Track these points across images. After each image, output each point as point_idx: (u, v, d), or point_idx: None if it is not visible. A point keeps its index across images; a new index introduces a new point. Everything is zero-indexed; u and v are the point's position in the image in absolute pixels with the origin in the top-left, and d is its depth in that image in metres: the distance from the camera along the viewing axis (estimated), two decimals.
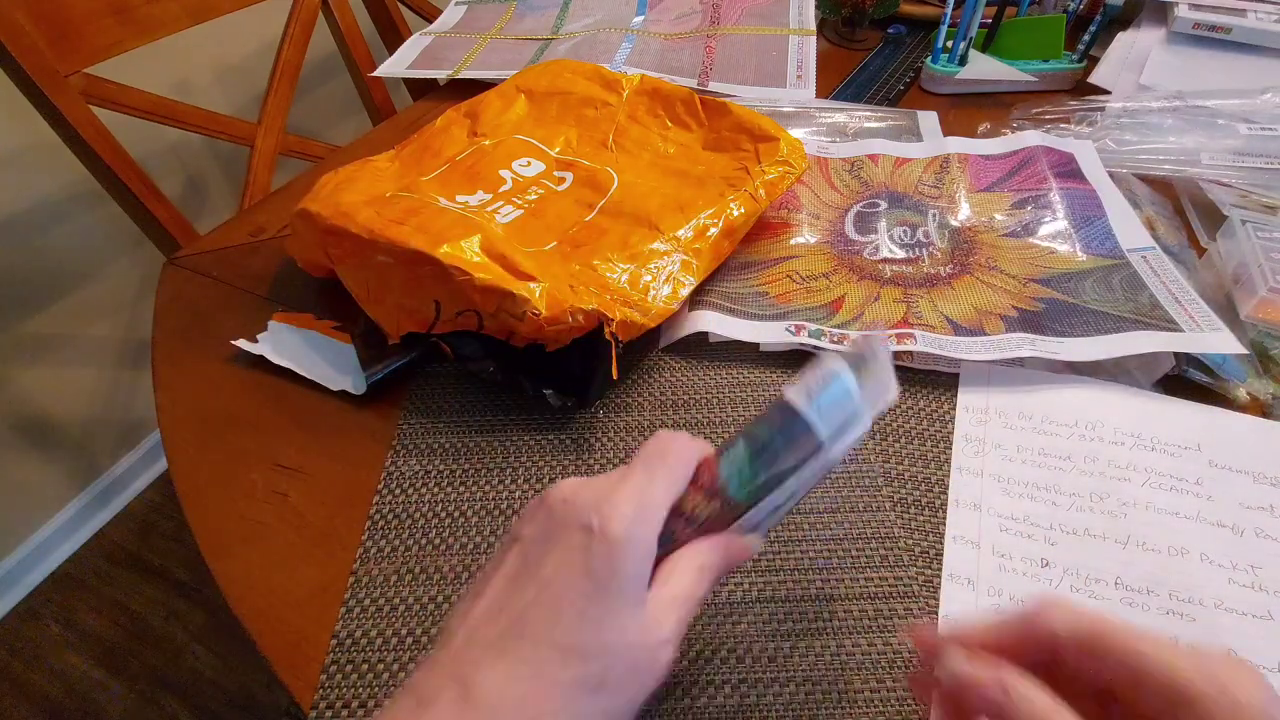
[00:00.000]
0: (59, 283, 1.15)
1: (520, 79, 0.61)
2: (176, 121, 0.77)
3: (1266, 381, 0.43)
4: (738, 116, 0.55)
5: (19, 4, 0.61)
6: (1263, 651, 0.32)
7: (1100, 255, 0.51)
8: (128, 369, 1.30)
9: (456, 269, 0.40)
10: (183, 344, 0.51)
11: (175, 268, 0.58)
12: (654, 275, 0.44)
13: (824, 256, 0.52)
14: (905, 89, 0.77)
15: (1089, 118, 0.66)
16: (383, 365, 0.46)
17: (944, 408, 0.44)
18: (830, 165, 0.62)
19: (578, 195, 0.51)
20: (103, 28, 0.69)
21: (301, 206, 0.47)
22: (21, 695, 1.12)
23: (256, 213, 0.63)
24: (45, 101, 0.65)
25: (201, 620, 1.20)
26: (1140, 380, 0.44)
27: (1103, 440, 0.41)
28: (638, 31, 0.81)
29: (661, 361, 0.47)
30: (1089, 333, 0.44)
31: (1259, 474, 0.39)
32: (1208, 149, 0.61)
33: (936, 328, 0.46)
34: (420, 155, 0.54)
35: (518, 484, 0.41)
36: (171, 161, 1.22)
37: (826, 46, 0.86)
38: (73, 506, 1.28)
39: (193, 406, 0.46)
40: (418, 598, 0.36)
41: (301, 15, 0.84)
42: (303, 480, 0.42)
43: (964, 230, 0.54)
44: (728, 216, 0.48)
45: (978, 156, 0.62)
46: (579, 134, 0.57)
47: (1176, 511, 0.37)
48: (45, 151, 1.05)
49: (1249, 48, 0.71)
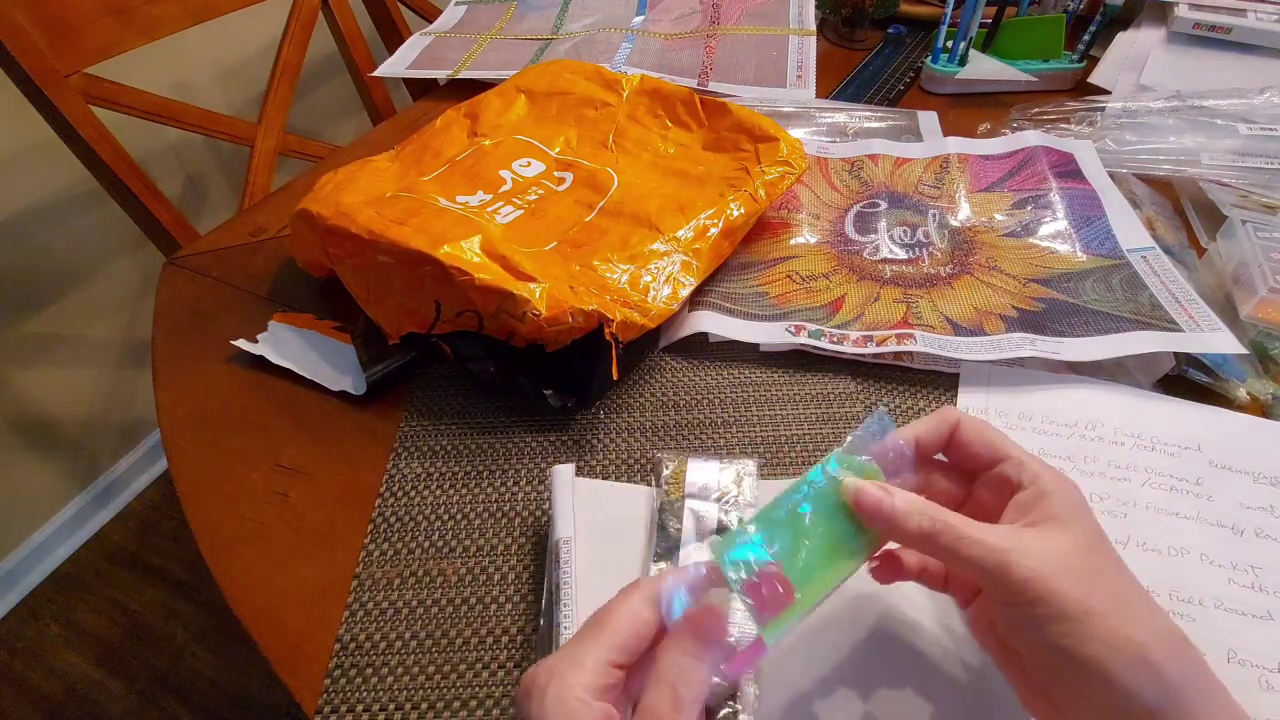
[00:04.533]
0: (59, 283, 1.15)
1: (520, 79, 0.61)
2: (176, 121, 0.77)
3: (1266, 381, 0.43)
4: (738, 116, 0.55)
5: (19, 4, 0.61)
6: (1263, 652, 0.32)
7: (1100, 255, 0.51)
8: (128, 369, 1.30)
9: (457, 269, 0.40)
10: (183, 344, 0.51)
11: (175, 268, 0.58)
12: (654, 276, 0.44)
13: (824, 257, 0.52)
14: (905, 89, 0.77)
15: (1089, 118, 0.66)
16: (383, 365, 0.46)
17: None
18: (830, 165, 0.62)
19: (578, 195, 0.51)
20: (103, 28, 0.69)
21: (301, 206, 0.47)
22: (21, 695, 1.11)
23: (256, 213, 0.63)
24: (45, 101, 0.65)
25: (201, 620, 1.20)
26: (1140, 380, 0.44)
27: (1103, 440, 0.41)
28: (638, 31, 0.81)
29: (661, 362, 0.47)
30: (1089, 333, 0.44)
31: (1259, 474, 0.39)
32: (1208, 149, 0.61)
33: (936, 328, 0.46)
34: (420, 155, 0.54)
35: (519, 485, 0.41)
36: (171, 161, 1.22)
37: (826, 46, 0.86)
38: (73, 506, 1.28)
39: (193, 406, 0.46)
40: (421, 601, 0.36)
41: (301, 15, 0.84)
42: (303, 480, 0.42)
43: (964, 230, 0.54)
44: (728, 217, 0.48)
45: (978, 156, 0.62)
46: (579, 134, 0.57)
47: (1176, 511, 0.38)
48: (45, 151, 1.05)
49: (1249, 48, 0.71)
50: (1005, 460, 0.28)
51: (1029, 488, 0.27)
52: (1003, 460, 0.28)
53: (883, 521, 0.27)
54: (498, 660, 0.34)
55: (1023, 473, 0.27)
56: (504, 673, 0.34)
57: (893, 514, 0.27)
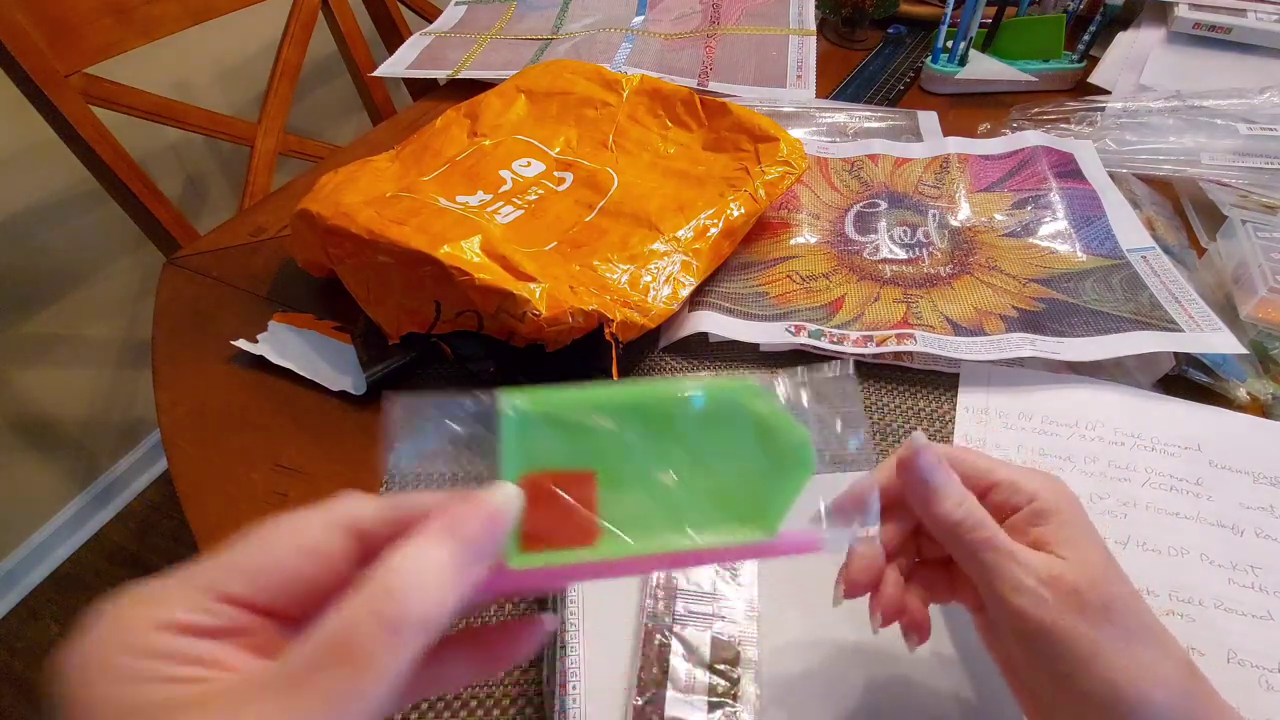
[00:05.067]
0: (59, 283, 1.15)
1: (520, 79, 0.61)
2: (176, 121, 0.77)
3: (1266, 381, 0.43)
4: (738, 117, 0.55)
5: (19, 4, 0.61)
6: (1263, 651, 0.32)
7: (1100, 255, 0.51)
8: (128, 369, 1.30)
9: (457, 269, 0.40)
10: (183, 344, 0.51)
11: (175, 268, 0.58)
12: (654, 276, 0.44)
13: (824, 257, 0.52)
14: (905, 89, 0.77)
15: (1089, 118, 0.66)
16: (383, 365, 0.46)
17: (944, 408, 0.44)
18: (830, 165, 0.62)
19: (578, 195, 0.51)
20: (103, 28, 0.69)
21: (301, 206, 0.47)
22: (21, 695, 1.11)
23: (256, 213, 0.63)
24: (45, 101, 0.65)
25: None
26: (1140, 380, 0.44)
27: (1103, 440, 0.41)
28: (638, 31, 0.81)
29: (661, 362, 0.47)
30: (1089, 333, 0.44)
31: (1259, 474, 0.39)
32: (1208, 149, 0.61)
33: (936, 328, 0.46)
34: (420, 155, 0.54)
35: None
36: (171, 161, 1.22)
37: (826, 46, 0.86)
38: (73, 506, 1.28)
39: (193, 406, 0.46)
40: None
41: (301, 15, 0.84)
42: (303, 480, 0.42)
43: (964, 230, 0.54)
44: (728, 217, 0.48)
45: (978, 156, 0.62)
46: (579, 134, 0.57)
47: (1176, 511, 0.37)
48: (45, 151, 1.05)
49: (1249, 48, 0.71)
50: (994, 488, 0.26)
51: (1025, 507, 0.26)
52: (991, 488, 0.26)
53: (920, 485, 0.25)
54: None
55: (1017, 494, 0.26)
56: (504, 673, 0.33)
57: (944, 485, 0.25)
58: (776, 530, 0.21)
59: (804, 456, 0.21)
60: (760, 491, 0.21)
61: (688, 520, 0.21)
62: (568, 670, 0.31)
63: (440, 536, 0.18)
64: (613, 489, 0.20)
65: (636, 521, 0.20)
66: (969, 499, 0.25)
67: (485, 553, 0.18)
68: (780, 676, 0.32)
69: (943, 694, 0.31)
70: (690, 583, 0.34)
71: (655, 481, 0.21)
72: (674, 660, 0.31)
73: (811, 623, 0.33)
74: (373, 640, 0.15)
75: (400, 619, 0.16)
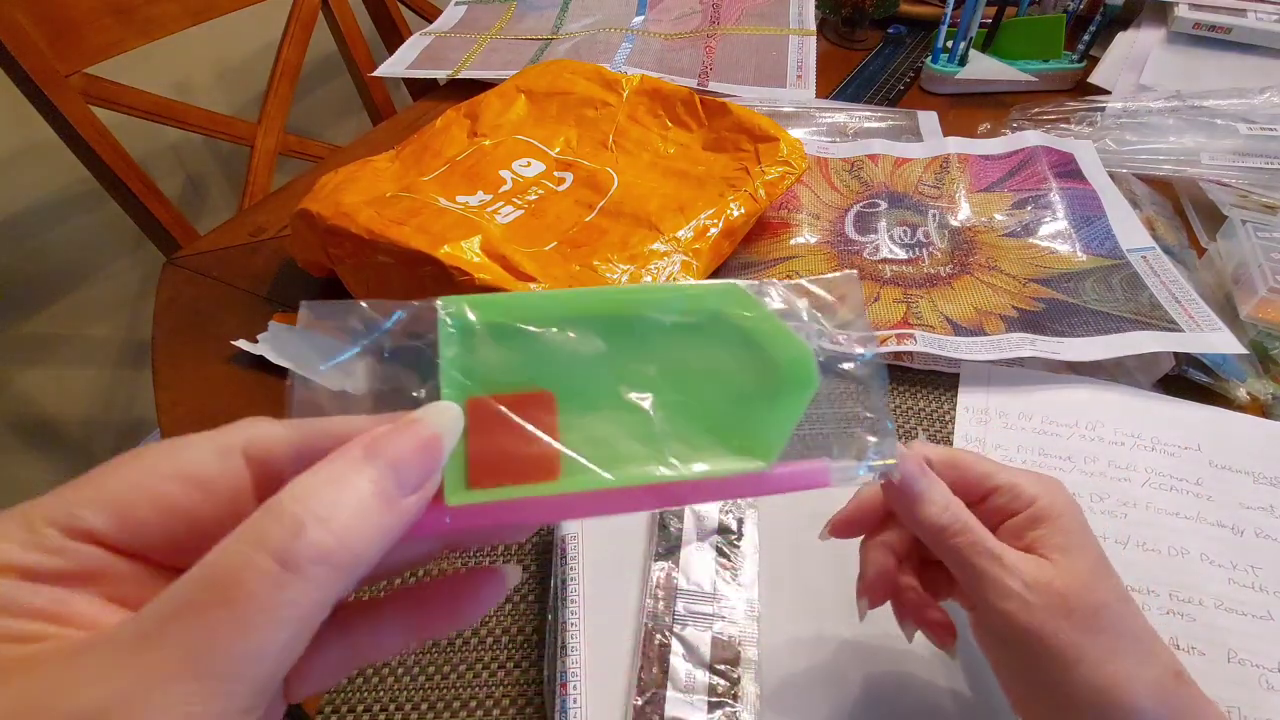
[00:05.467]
0: (59, 283, 1.15)
1: (520, 79, 0.61)
2: (176, 121, 0.77)
3: (1266, 381, 0.43)
4: (738, 117, 0.55)
5: (19, 4, 0.61)
6: (1263, 651, 0.32)
7: (1100, 255, 0.51)
8: (128, 369, 1.30)
9: (457, 269, 0.40)
10: (183, 344, 0.51)
11: (175, 268, 0.58)
12: (654, 276, 0.44)
13: (824, 256, 0.52)
14: (905, 89, 0.77)
15: (1089, 118, 0.66)
16: None
17: (944, 408, 0.44)
18: (830, 165, 0.62)
19: (578, 195, 0.51)
20: (103, 28, 0.69)
21: (301, 206, 0.47)
22: None
23: (256, 213, 0.63)
24: (45, 101, 0.65)
25: None
26: (1140, 380, 0.44)
27: (1103, 440, 0.41)
28: (638, 31, 0.81)
29: None
30: (1089, 333, 0.44)
31: (1259, 474, 0.39)
32: (1208, 149, 0.61)
33: (936, 328, 0.46)
34: (420, 155, 0.54)
35: None
36: (171, 161, 1.22)
37: (826, 46, 0.86)
38: None
39: (193, 406, 0.46)
40: None
41: (301, 15, 0.84)
42: None
43: (964, 230, 0.54)
44: (728, 217, 0.48)
45: (978, 156, 0.62)
46: (579, 134, 0.57)
47: (1176, 511, 0.37)
48: (45, 151, 1.04)
49: (1249, 48, 0.71)
50: (995, 491, 0.26)
51: (1024, 512, 0.25)
52: (992, 492, 0.26)
53: (902, 493, 0.25)
54: (498, 660, 0.34)
55: (1017, 499, 0.26)
56: (504, 673, 0.33)
57: (927, 491, 0.24)
58: (773, 460, 0.18)
59: (804, 373, 0.19)
60: (753, 415, 0.18)
61: (668, 449, 0.17)
62: (568, 670, 0.31)
63: (360, 460, 0.14)
64: (576, 413, 0.17)
65: (606, 450, 0.17)
66: (954, 503, 0.25)
67: (415, 481, 0.15)
68: (780, 676, 0.32)
69: (942, 693, 0.31)
70: (690, 583, 0.34)
71: (627, 403, 0.18)
72: (674, 660, 0.31)
73: (811, 623, 0.33)
74: (259, 578, 0.12)
75: (299, 552, 0.12)
